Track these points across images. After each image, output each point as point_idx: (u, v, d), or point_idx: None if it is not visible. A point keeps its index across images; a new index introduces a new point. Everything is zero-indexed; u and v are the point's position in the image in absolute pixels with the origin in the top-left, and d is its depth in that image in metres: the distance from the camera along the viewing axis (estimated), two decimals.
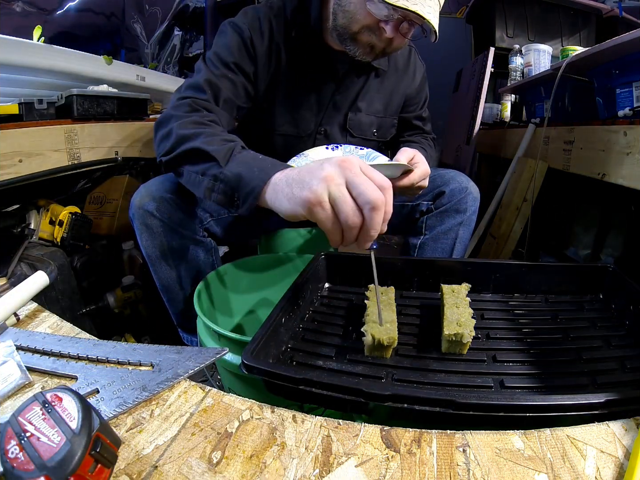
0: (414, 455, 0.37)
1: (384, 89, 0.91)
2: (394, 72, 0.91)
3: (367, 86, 0.88)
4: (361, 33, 0.71)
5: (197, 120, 0.66)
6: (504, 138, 1.73)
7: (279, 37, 0.79)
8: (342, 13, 0.71)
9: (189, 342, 0.94)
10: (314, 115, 0.87)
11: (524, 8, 1.95)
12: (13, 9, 1.39)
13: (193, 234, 0.82)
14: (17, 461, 0.29)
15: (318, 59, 0.82)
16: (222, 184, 0.56)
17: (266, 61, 0.80)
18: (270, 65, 0.81)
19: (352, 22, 0.70)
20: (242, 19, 0.79)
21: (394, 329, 0.54)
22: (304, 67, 0.83)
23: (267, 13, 0.80)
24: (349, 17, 0.70)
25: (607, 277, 0.68)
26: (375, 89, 0.89)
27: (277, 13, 0.81)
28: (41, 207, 1.06)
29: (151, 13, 2.08)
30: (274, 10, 0.81)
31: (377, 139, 0.95)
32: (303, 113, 0.86)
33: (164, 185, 0.79)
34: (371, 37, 0.71)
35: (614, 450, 0.36)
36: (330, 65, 0.83)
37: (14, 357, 0.49)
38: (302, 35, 0.80)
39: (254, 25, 0.78)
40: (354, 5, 0.68)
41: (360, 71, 0.85)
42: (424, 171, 0.72)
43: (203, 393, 0.46)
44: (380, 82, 0.90)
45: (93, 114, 1.11)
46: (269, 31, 0.79)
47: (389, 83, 0.91)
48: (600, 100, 1.07)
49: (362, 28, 0.70)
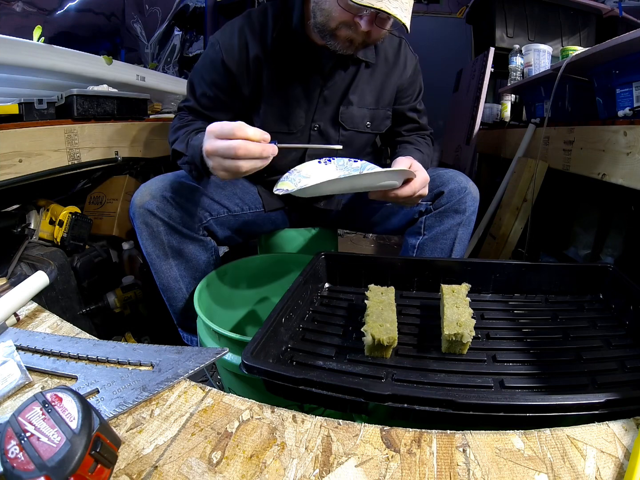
0: (414, 455, 0.37)
1: (374, 81, 0.91)
2: (384, 63, 0.91)
3: (357, 79, 0.89)
4: (339, 29, 0.73)
5: (177, 126, 0.83)
6: (504, 138, 1.73)
7: (256, 44, 0.83)
8: (320, 11, 0.73)
9: (189, 342, 0.94)
10: (304, 112, 0.88)
11: (524, 8, 1.95)
12: (13, 9, 1.39)
13: (193, 233, 0.82)
14: (17, 461, 0.29)
15: (303, 57, 0.84)
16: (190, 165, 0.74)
17: (243, 71, 0.84)
18: (249, 73, 0.85)
19: (329, 20, 0.72)
20: (218, 36, 0.85)
21: (394, 329, 0.54)
22: (289, 65, 0.84)
23: (243, 24, 0.84)
24: (325, 15, 0.72)
25: (607, 277, 0.68)
26: (365, 81, 0.90)
27: (256, 19, 0.84)
28: (41, 207, 1.06)
29: (151, 13, 2.08)
30: (253, 17, 0.84)
31: (371, 131, 0.95)
32: (292, 110, 0.88)
33: (164, 184, 0.79)
34: (349, 32, 0.73)
35: (614, 450, 0.36)
36: (316, 61, 0.85)
37: (14, 357, 0.49)
38: (284, 35, 0.82)
39: (226, 43, 0.83)
40: (329, 4, 0.71)
41: (347, 65, 0.87)
42: (424, 179, 0.73)
43: (203, 393, 0.46)
44: (371, 75, 0.90)
45: (93, 114, 1.11)
46: (242, 44, 0.83)
47: (380, 75, 0.92)
48: (600, 100, 1.07)
49: (339, 24, 0.72)
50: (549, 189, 1.36)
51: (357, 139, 0.94)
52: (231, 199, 0.90)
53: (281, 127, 0.88)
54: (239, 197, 0.92)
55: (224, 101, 0.87)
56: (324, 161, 0.82)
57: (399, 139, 0.99)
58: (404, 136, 0.99)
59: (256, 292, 0.96)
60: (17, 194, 1.03)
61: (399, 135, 1.00)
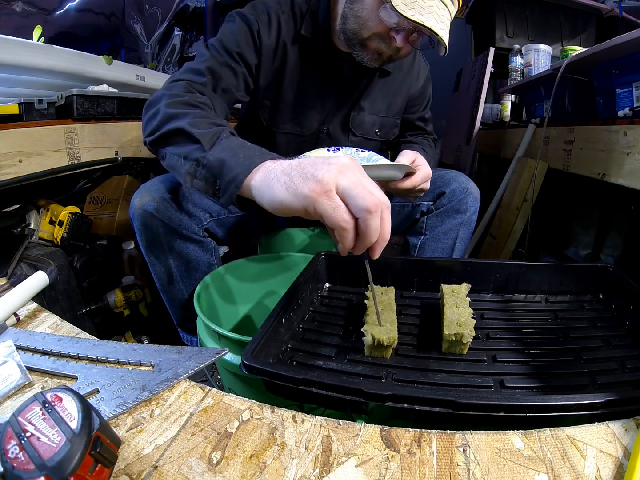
0: (414, 455, 0.37)
1: (387, 89, 0.91)
2: (399, 72, 0.91)
3: (371, 86, 0.88)
4: (371, 40, 0.70)
5: (187, 101, 0.62)
6: (504, 138, 1.73)
7: (287, 34, 0.79)
8: (354, 18, 0.70)
9: (189, 342, 0.94)
10: (318, 114, 0.87)
11: (524, 8, 1.95)
12: (13, 9, 1.39)
13: (193, 235, 0.82)
14: (17, 461, 0.29)
15: (324, 59, 0.82)
16: (204, 169, 0.52)
17: (271, 56, 0.79)
18: (275, 61, 0.80)
19: (363, 28, 0.69)
20: (250, 10, 0.77)
21: (394, 329, 0.54)
22: (309, 66, 0.82)
23: (277, 9, 0.79)
24: (360, 23, 0.69)
25: (607, 277, 0.68)
26: (378, 88, 0.89)
27: (285, 10, 0.80)
28: (41, 207, 1.06)
29: (151, 13, 2.08)
30: (282, 7, 0.80)
31: (380, 138, 0.95)
32: (307, 112, 0.86)
33: (164, 185, 0.79)
34: (380, 45, 0.70)
35: (614, 450, 0.36)
36: (337, 65, 0.83)
37: (14, 357, 0.49)
38: (310, 33, 0.79)
39: (263, 18, 0.76)
40: (366, 12, 0.68)
41: (364, 72, 0.85)
42: (426, 174, 0.72)
43: (203, 393, 0.46)
44: (384, 82, 0.90)
45: (93, 114, 1.11)
46: (277, 27, 0.78)
47: (393, 83, 0.91)
48: (600, 100, 1.07)
49: (372, 35, 0.69)
50: (549, 189, 1.36)
51: (365, 146, 0.93)
52: None
53: (294, 129, 0.86)
54: None
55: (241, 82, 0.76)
56: (333, 149, 0.81)
57: (403, 140, 1.00)
58: (407, 138, 1.00)
59: (256, 292, 0.96)
60: (17, 194, 1.03)
61: (403, 137, 1.00)
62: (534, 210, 1.35)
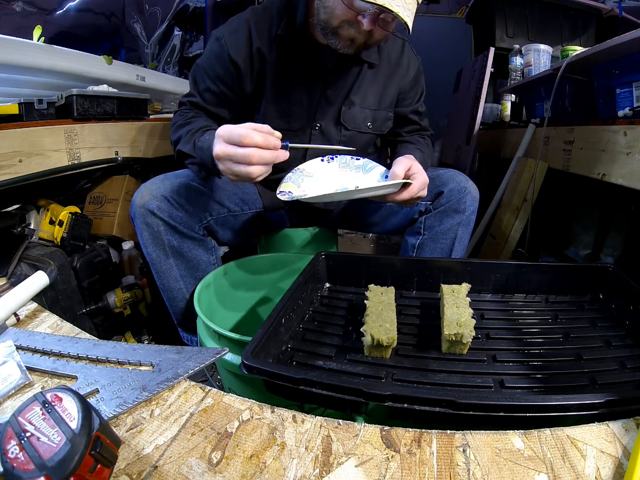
0: (414, 456, 0.37)
1: (377, 82, 0.91)
2: (387, 65, 0.92)
3: (360, 80, 0.89)
4: (341, 27, 0.73)
5: (180, 123, 0.81)
6: (504, 138, 1.73)
7: (259, 39, 0.83)
8: (323, 9, 0.73)
9: (189, 342, 0.94)
10: (305, 110, 0.88)
11: (524, 8, 1.95)
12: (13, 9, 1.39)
13: (193, 233, 0.82)
14: (17, 461, 0.29)
15: (306, 55, 0.84)
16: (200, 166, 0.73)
17: (248, 66, 0.84)
18: (254, 68, 0.84)
19: (332, 17, 0.72)
20: (222, 30, 0.84)
21: (394, 329, 0.54)
22: (289, 62, 0.84)
23: (248, 19, 0.83)
24: (329, 12, 0.72)
25: (607, 277, 0.68)
26: (368, 82, 0.90)
27: (261, 15, 0.84)
28: (41, 207, 1.06)
29: (151, 13, 2.08)
30: (258, 13, 0.84)
31: (373, 131, 0.95)
32: (292, 108, 0.88)
33: (164, 184, 0.79)
34: (351, 31, 0.73)
35: (614, 450, 0.36)
36: (318, 60, 0.84)
37: (14, 357, 0.50)
38: (288, 32, 0.82)
39: (231, 37, 0.83)
40: (332, 1, 0.71)
41: (350, 65, 0.87)
42: (422, 182, 0.73)
43: (203, 393, 0.46)
44: (373, 76, 0.91)
45: (93, 114, 1.11)
46: (247, 37, 0.83)
47: (382, 76, 0.92)
48: (600, 100, 1.07)
49: (341, 22, 0.72)
50: (549, 189, 1.36)
51: (358, 139, 0.94)
52: (231, 199, 0.90)
53: (282, 125, 0.88)
54: (239, 196, 0.92)
55: (228, 97, 0.86)
56: (327, 159, 0.82)
57: (400, 139, 0.99)
58: (404, 136, 0.99)
59: (256, 292, 0.96)
60: (17, 194, 1.03)
61: (399, 135, 1.00)
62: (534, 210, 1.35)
